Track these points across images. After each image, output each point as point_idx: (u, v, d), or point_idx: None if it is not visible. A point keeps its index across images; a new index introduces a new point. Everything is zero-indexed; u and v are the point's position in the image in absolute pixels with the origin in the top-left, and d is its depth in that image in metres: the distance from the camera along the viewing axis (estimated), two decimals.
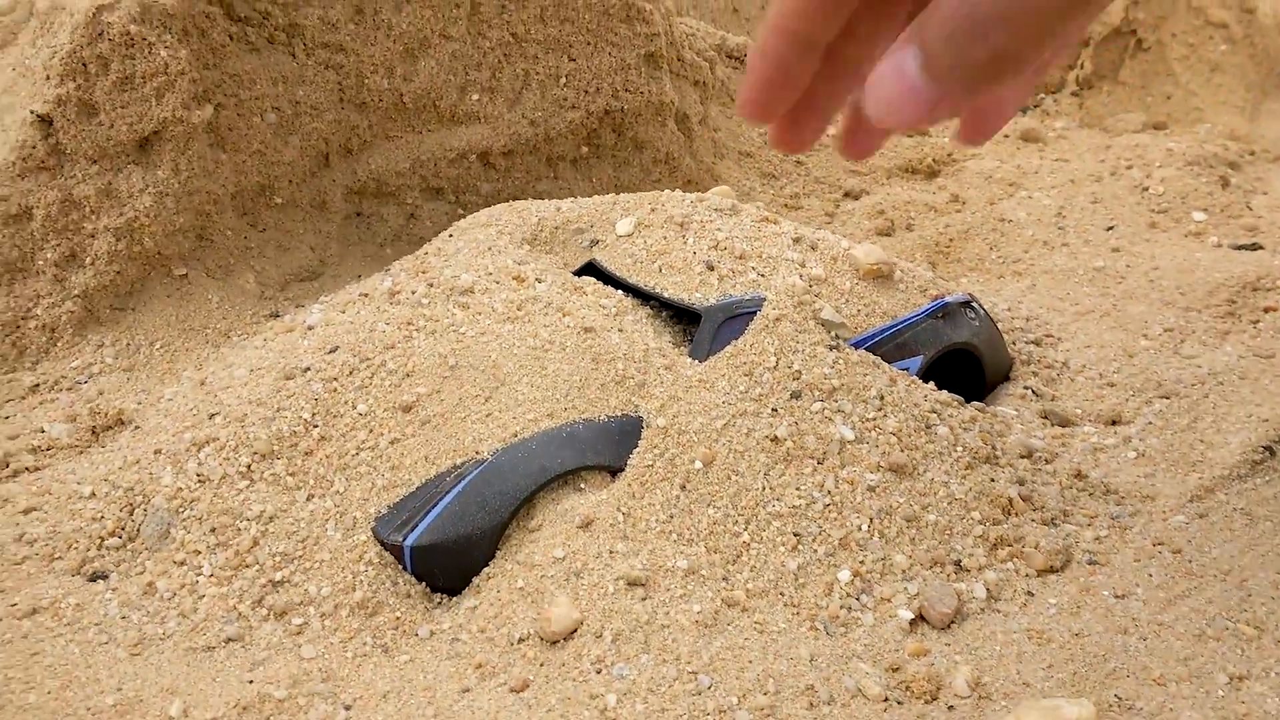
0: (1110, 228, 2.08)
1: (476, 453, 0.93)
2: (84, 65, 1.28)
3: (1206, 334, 1.61)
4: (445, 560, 0.88)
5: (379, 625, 0.84)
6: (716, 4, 2.66)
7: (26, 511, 0.99)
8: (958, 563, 1.03)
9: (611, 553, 0.88)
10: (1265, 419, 1.30)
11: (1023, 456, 1.25)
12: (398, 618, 0.86)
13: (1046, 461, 1.26)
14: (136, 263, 1.34)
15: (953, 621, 0.95)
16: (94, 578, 0.90)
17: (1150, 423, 1.38)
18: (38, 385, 1.22)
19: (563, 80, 1.80)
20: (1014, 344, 1.59)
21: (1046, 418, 1.41)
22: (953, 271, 1.99)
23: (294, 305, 1.47)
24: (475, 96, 1.75)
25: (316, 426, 0.96)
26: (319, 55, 1.56)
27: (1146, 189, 2.21)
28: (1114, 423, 1.41)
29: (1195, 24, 2.93)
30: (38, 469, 1.08)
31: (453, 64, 1.70)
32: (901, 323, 1.36)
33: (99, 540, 0.93)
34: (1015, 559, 1.06)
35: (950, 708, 0.84)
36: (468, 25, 1.71)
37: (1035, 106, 3.11)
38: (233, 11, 1.47)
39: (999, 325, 1.61)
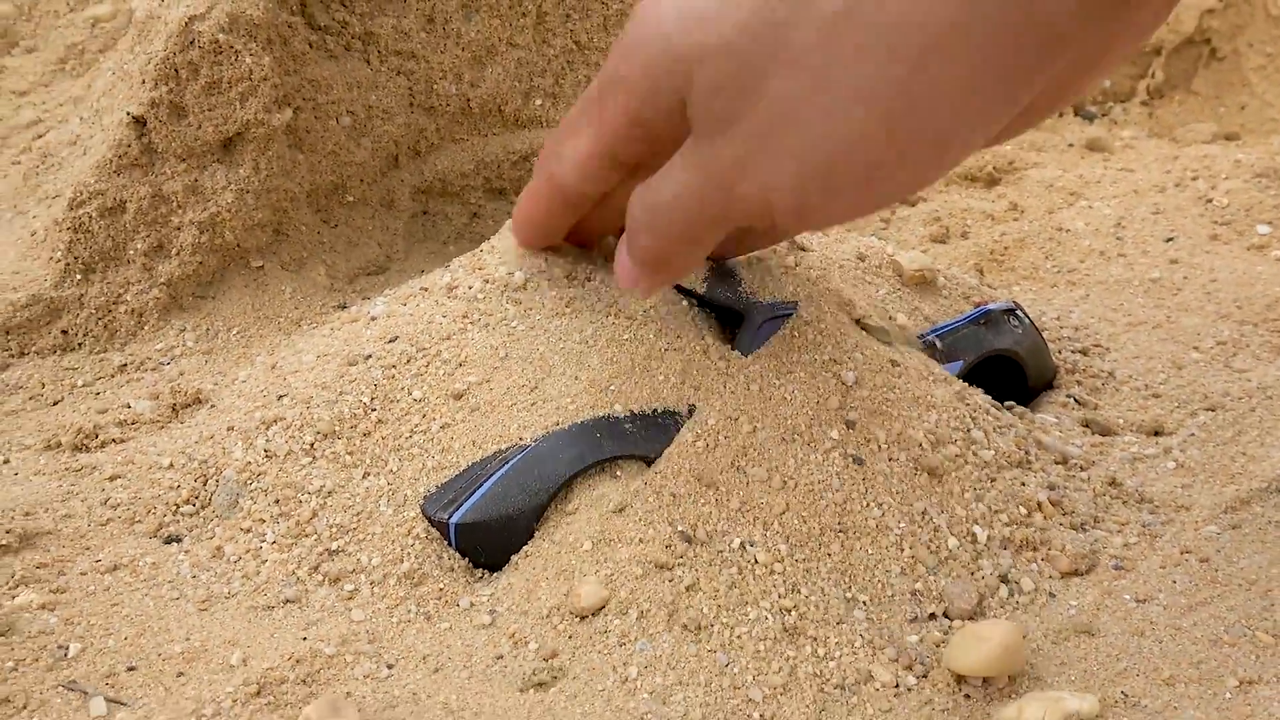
0: (1170, 239, 2.06)
1: (520, 439, 0.99)
2: (176, 71, 1.38)
3: (1261, 348, 1.60)
4: (487, 538, 0.94)
5: (423, 595, 0.91)
6: None
7: (112, 478, 1.08)
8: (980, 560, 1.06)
9: (641, 540, 0.93)
10: None
11: (1057, 462, 1.27)
12: (441, 589, 0.92)
13: (1082, 468, 1.28)
14: (217, 254, 1.44)
15: (972, 617, 0.98)
16: (169, 540, 0.98)
17: (1193, 434, 1.38)
18: (125, 365, 1.33)
19: None
20: (1060, 352, 1.60)
21: (1088, 426, 1.42)
22: (1006, 280, 2.00)
23: (360, 297, 1.55)
24: (539, 102, 1.82)
25: (375, 410, 1.03)
26: (392, 62, 1.64)
27: (1210, 200, 2.18)
28: (1156, 433, 1.41)
29: (1274, 33, 2.86)
30: (123, 440, 1.17)
31: (518, 70, 1.78)
32: (943, 328, 1.38)
33: (175, 507, 1.01)
34: (1041, 561, 1.09)
35: (966, 696, 0.88)
36: (533, 34, 1.78)
37: (1104, 115, 3.06)
38: (313, 21, 1.56)
39: (1046, 334, 1.61)
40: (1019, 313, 1.49)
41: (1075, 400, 1.47)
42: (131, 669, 0.81)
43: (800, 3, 0.48)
